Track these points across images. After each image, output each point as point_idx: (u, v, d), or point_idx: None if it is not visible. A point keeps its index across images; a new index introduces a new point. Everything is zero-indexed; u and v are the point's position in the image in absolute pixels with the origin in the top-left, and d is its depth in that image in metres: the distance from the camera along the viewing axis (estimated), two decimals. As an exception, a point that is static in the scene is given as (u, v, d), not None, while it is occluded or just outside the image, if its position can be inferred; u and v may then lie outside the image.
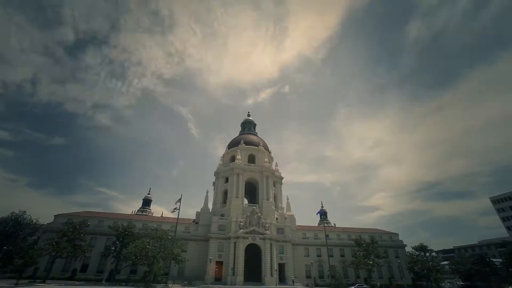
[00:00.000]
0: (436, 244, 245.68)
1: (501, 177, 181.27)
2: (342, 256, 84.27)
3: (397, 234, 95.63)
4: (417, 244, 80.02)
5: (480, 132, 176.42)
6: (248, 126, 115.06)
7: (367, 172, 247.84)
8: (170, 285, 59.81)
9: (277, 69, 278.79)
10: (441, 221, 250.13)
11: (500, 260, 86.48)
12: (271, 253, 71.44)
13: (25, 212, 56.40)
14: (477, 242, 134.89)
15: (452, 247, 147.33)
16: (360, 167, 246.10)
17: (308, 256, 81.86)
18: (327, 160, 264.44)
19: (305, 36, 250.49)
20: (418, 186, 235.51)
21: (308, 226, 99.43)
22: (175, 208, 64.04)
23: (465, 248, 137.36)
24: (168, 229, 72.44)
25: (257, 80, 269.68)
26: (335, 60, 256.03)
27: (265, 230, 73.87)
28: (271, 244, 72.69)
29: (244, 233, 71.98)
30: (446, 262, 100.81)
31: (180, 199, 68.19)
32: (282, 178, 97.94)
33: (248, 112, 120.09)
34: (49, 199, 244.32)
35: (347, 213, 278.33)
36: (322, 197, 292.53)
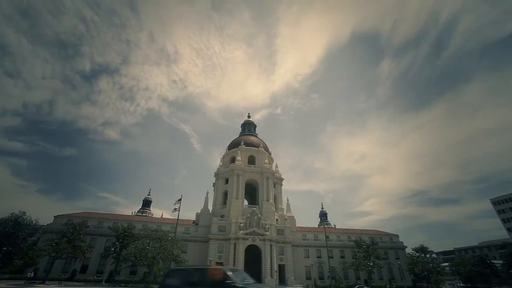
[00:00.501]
0: (435, 246, 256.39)
1: (483, 185, 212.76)
2: (342, 257, 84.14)
3: (397, 236, 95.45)
4: (417, 246, 79.99)
5: (458, 146, 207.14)
6: (248, 127, 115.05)
7: (357, 181, 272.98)
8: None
9: (269, 96, 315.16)
10: (435, 224, 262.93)
11: (501, 261, 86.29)
12: (271, 254, 71.36)
13: (25, 213, 56.43)
14: (477, 244, 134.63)
15: (452, 249, 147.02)
16: (349, 177, 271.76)
17: (308, 257, 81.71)
18: (319, 171, 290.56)
19: (291, 71, 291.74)
20: (408, 193, 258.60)
21: (308, 227, 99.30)
22: (175, 209, 63.87)
23: (466, 249, 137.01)
24: (168, 230, 72.39)
25: (251, 105, 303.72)
26: (319, 90, 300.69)
27: (265, 231, 73.81)
28: (271, 245, 72.61)
29: (244, 234, 71.91)
30: (446, 264, 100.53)
31: (180, 199, 68.01)
32: (282, 179, 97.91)
33: (249, 113, 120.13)
34: (57, 204, 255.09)
35: (342, 218, 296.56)
36: (317, 204, 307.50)
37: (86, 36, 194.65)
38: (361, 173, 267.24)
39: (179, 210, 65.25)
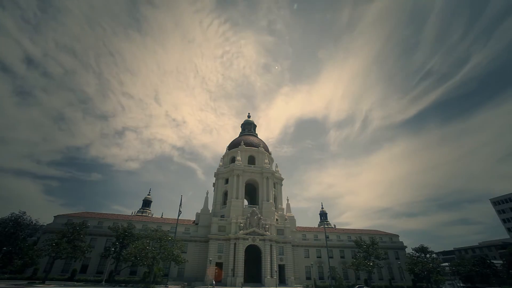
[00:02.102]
0: (435, 246, 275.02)
1: (433, 203, 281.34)
2: (342, 257, 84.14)
3: (397, 236, 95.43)
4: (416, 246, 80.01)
5: (404, 178, 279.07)
6: (248, 127, 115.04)
7: (331, 200, 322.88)
8: (170, 286, 59.66)
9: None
10: (413, 232, 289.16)
11: (501, 261, 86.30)
12: (271, 254, 71.34)
13: (25, 212, 56.31)
14: (477, 244, 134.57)
15: (452, 249, 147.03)
16: (323, 198, 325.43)
17: (308, 257, 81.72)
18: (297, 195, 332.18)
19: (264, 135, 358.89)
20: (377, 209, 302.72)
21: (308, 227, 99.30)
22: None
23: (466, 249, 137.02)
24: (168, 230, 72.54)
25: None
26: (289, 145, 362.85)
27: (265, 231, 73.80)
28: (271, 245, 72.60)
29: (244, 234, 71.90)
30: (446, 264, 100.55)
31: (181, 200, 68.14)
32: (282, 179, 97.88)
33: (249, 113, 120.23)
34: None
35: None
36: (301, 217, 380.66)
37: (122, 112, 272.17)
38: (332, 196, 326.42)
39: (179, 210, 65.60)
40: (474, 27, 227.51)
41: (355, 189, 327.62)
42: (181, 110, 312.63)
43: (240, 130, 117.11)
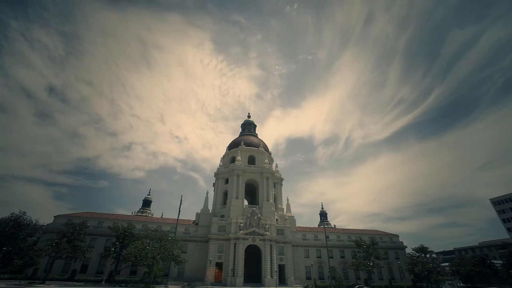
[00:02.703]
0: (436, 245, 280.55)
1: (422, 207, 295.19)
2: (342, 257, 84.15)
3: (397, 236, 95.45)
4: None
5: (391, 187, 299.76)
6: (248, 127, 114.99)
7: (324, 206, 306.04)
8: (170, 286, 59.67)
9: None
10: (406, 234, 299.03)
11: (501, 261, 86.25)
12: (271, 254, 71.34)
13: (25, 212, 56.47)
14: (477, 244, 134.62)
15: (452, 249, 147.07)
16: (316, 204, 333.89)
17: (308, 257, 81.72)
18: (291, 202, 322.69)
19: None
20: (369, 213, 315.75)
21: (308, 227, 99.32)
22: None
23: (466, 249, 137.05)
24: (168, 230, 72.52)
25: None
26: (282, 159, 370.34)
27: (265, 231, 73.79)
28: (271, 245, 72.59)
29: (244, 234, 71.89)
30: (446, 264, 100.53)
31: (180, 200, 68.12)
32: (282, 179, 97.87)
33: (248, 113, 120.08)
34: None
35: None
36: (298, 218, 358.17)
37: (130, 130, 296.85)
38: (325, 202, 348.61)
39: (179, 210, 65.61)
40: (433, 66, 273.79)
41: (345, 196, 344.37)
42: (183, 129, 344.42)
43: (240, 130, 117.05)
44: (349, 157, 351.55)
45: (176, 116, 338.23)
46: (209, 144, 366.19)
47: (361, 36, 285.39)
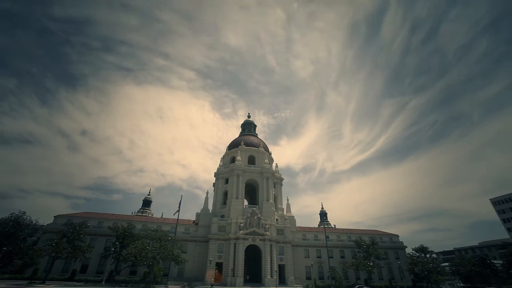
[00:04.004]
0: (436, 246, 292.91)
1: (402, 216, 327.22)
2: (342, 257, 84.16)
3: (397, 236, 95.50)
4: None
5: (367, 201, 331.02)
6: (248, 127, 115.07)
7: (310, 215, 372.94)
8: (170, 286, 59.69)
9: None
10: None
11: (501, 261, 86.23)
12: (271, 254, 71.37)
13: (24, 212, 56.40)
14: (477, 244, 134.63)
15: (452, 249, 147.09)
16: (303, 214, 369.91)
17: (308, 257, 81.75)
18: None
19: None
20: (351, 222, 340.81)
21: (308, 227, 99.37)
22: (177, 211, 64.93)
23: (466, 249, 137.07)
24: (168, 230, 72.58)
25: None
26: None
27: (265, 231, 73.82)
28: (271, 245, 72.62)
29: (244, 234, 71.92)
30: (446, 264, 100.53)
31: (180, 200, 68.15)
32: (282, 179, 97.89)
33: (249, 114, 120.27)
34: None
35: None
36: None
37: (144, 158, 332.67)
38: (309, 213, 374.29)
39: (179, 211, 65.60)
40: (376, 124, 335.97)
41: (327, 208, 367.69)
42: (188, 159, 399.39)
43: (240, 130, 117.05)
44: (325, 181, 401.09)
45: (182, 151, 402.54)
46: (209, 169, 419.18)
47: (319, 106, 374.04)
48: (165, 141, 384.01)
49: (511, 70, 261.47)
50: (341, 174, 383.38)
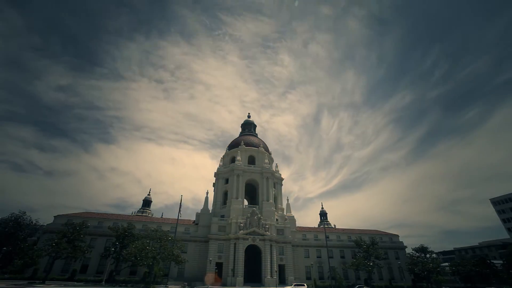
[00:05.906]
0: (435, 246, 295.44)
1: (387, 225, 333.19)
2: (342, 257, 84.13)
3: (397, 236, 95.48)
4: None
5: (351, 213, 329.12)
6: (248, 127, 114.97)
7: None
8: (170, 286, 59.69)
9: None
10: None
11: (501, 261, 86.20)
12: (271, 254, 71.38)
13: (25, 213, 56.32)
14: (477, 244, 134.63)
15: (452, 249, 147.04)
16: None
17: (308, 257, 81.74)
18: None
19: None
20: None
21: (308, 227, 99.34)
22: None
23: (466, 249, 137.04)
24: (168, 230, 72.53)
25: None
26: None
27: (265, 231, 73.83)
28: (271, 245, 72.63)
29: (244, 234, 71.94)
30: (446, 264, 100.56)
31: (180, 200, 67.99)
32: (282, 179, 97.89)
33: (249, 113, 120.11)
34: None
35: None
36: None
37: (156, 186, 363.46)
38: (298, 223, 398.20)
39: (179, 211, 65.60)
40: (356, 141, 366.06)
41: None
42: (193, 187, 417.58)
43: (241, 130, 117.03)
44: (310, 200, 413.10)
45: (186, 181, 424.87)
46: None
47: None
48: (173, 178, 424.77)
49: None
50: (322, 196, 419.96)
